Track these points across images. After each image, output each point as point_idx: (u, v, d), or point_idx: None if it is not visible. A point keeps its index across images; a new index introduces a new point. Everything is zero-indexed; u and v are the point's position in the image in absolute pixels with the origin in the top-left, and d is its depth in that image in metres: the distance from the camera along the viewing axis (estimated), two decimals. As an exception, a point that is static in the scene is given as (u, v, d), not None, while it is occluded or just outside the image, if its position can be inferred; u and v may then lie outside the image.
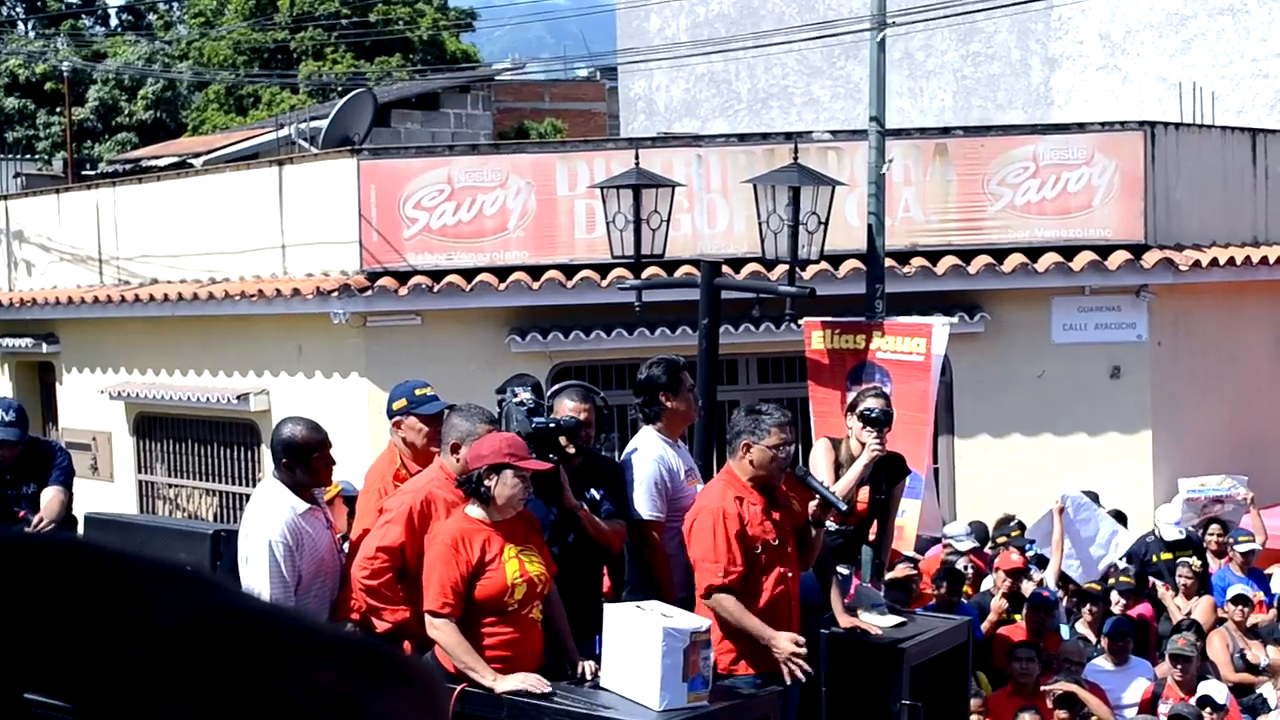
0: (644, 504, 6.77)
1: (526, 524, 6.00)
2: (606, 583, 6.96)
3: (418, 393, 6.79)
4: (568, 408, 6.70)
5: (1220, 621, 10.52)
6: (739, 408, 6.98)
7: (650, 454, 6.88)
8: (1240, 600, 10.39)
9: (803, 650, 6.27)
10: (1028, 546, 11.06)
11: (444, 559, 5.76)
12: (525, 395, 6.61)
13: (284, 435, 6.22)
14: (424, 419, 6.64)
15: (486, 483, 5.79)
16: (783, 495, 6.57)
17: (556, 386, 7.07)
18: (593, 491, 6.62)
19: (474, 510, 5.86)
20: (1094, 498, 11.82)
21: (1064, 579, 10.72)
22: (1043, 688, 9.01)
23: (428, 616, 5.76)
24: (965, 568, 10.66)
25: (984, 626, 9.70)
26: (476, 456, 5.86)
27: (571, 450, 6.45)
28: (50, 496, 7.68)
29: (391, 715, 0.81)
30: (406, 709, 0.82)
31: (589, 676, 5.88)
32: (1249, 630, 10.39)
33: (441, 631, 5.73)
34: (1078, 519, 10.82)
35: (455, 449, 6.14)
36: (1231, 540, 11.49)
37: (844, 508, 6.61)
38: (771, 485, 6.50)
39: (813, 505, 6.55)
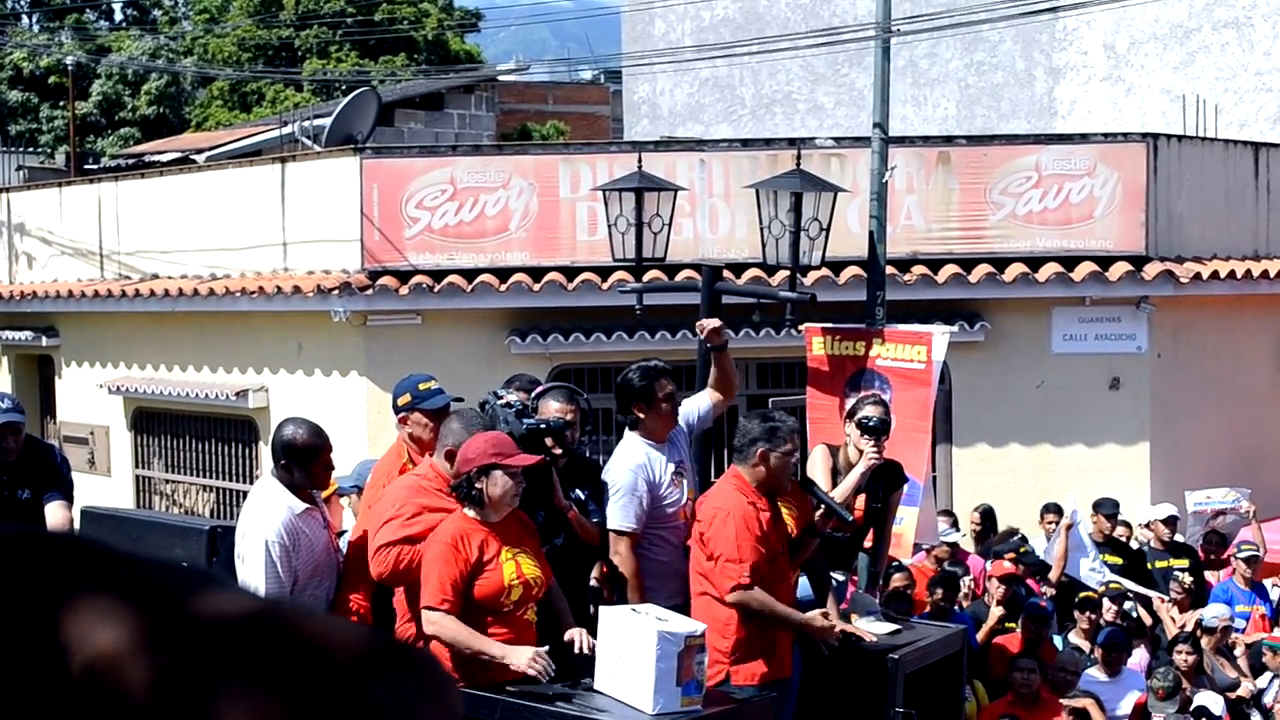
0: (614, 514, 6.72)
1: (523, 526, 6.01)
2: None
3: (422, 387, 6.77)
4: (553, 409, 6.69)
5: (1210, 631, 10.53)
6: (748, 415, 6.95)
7: (627, 463, 6.82)
8: (1226, 630, 10.41)
9: (832, 621, 6.39)
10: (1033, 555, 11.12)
11: (443, 557, 5.76)
12: (512, 397, 6.61)
13: (285, 436, 6.20)
14: (429, 414, 6.62)
15: (478, 485, 5.80)
16: (784, 502, 6.58)
17: (541, 388, 7.04)
18: (578, 492, 6.62)
19: (471, 511, 5.88)
20: (1115, 506, 11.84)
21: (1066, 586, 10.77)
22: (1062, 701, 9.03)
23: (425, 612, 5.74)
24: (954, 566, 10.69)
25: (979, 635, 9.71)
26: (464, 460, 5.87)
27: (558, 451, 6.45)
28: (60, 517, 7.29)
29: (396, 703, 0.81)
30: (412, 697, 0.82)
31: (585, 647, 5.86)
32: (1224, 650, 10.40)
33: (441, 623, 5.70)
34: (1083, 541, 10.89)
35: (450, 455, 6.14)
36: (1235, 552, 11.50)
37: (850, 519, 6.62)
38: (776, 492, 6.51)
39: (817, 514, 6.55)
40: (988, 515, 12.29)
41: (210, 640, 0.79)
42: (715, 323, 7.35)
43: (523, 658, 5.65)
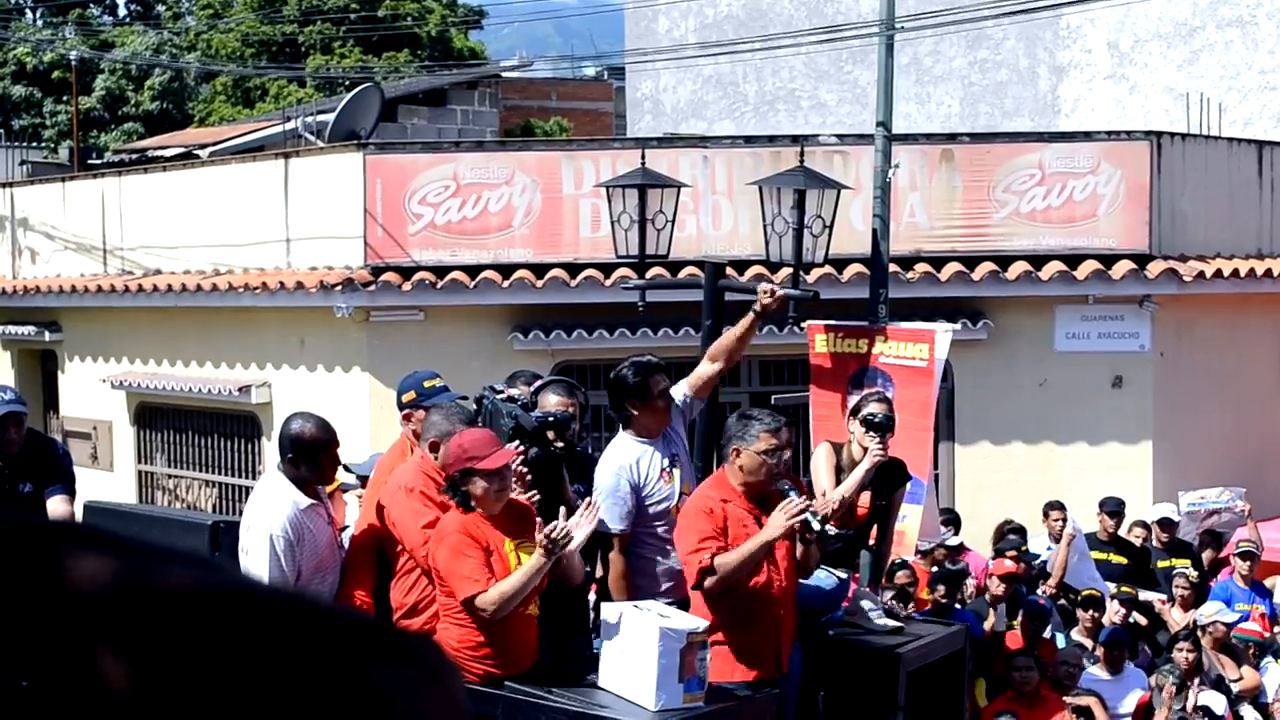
0: (601, 515, 6.76)
1: (522, 519, 5.99)
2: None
3: (427, 384, 6.78)
4: (552, 402, 6.69)
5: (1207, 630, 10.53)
6: (732, 414, 6.90)
7: (613, 464, 6.81)
8: (1225, 624, 10.41)
9: (796, 510, 6.19)
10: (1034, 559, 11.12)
11: (460, 547, 5.78)
12: (515, 391, 6.61)
13: (293, 431, 6.19)
14: None
15: (464, 487, 5.83)
16: (776, 502, 6.55)
17: (540, 382, 7.02)
18: (577, 485, 6.64)
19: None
20: (1120, 504, 11.84)
21: (1065, 587, 10.76)
22: (1065, 699, 9.03)
23: (476, 603, 5.72)
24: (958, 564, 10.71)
25: (985, 630, 9.70)
26: (446, 465, 5.92)
27: (560, 445, 6.46)
28: (61, 511, 7.29)
29: (399, 691, 0.80)
30: (415, 685, 0.81)
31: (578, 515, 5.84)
32: (1226, 647, 10.40)
33: (489, 600, 5.70)
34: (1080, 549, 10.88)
35: (434, 447, 6.16)
36: (1233, 551, 11.50)
37: (818, 525, 6.46)
38: (764, 492, 6.47)
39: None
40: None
41: (212, 628, 0.79)
42: (782, 294, 7.38)
43: (541, 548, 5.66)
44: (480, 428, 6.07)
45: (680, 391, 7.18)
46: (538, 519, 5.88)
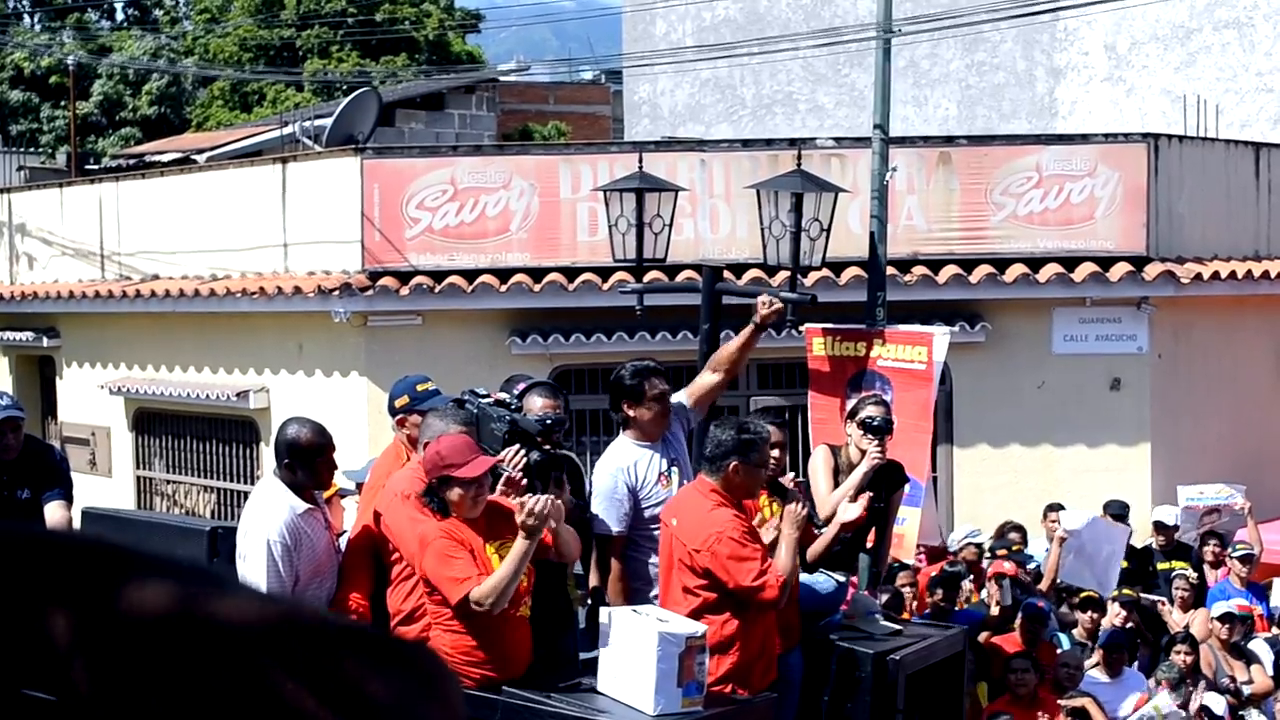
0: (597, 519, 6.76)
1: (502, 520, 5.94)
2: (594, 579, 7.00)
3: (419, 389, 6.78)
4: (538, 405, 6.70)
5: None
6: (720, 423, 6.80)
7: (610, 466, 6.85)
8: (1227, 619, 10.38)
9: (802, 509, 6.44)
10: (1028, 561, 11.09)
11: (445, 551, 5.77)
12: (501, 395, 6.61)
13: (288, 436, 6.19)
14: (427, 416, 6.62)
15: (441, 494, 5.84)
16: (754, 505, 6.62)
17: (523, 385, 7.02)
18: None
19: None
20: (1124, 507, 11.84)
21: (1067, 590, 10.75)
22: (1060, 701, 9.03)
23: (471, 598, 5.70)
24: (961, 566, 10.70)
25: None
26: (424, 472, 5.90)
27: (547, 447, 6.48)
28: (59, 517, 7.29)
29: (397, 700, 0.80)
30: (413, 693, 0.81)
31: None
32: (1234, 648, 10.39)
33: (482, 595, 5.68)
34: (1097, 539, 10.82)
35: None
36: (1229, 552, 11.50)
37: (819, 521, 6.55)
38: (751, 496, 6.54)
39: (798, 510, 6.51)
40: None
41: (209, 636, 0.79)
42: (780, 305, 7.40)
43: (524, 528, 5.65)
44: (458, 434, 6.04)
45: (680, 400, 7.19)
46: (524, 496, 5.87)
